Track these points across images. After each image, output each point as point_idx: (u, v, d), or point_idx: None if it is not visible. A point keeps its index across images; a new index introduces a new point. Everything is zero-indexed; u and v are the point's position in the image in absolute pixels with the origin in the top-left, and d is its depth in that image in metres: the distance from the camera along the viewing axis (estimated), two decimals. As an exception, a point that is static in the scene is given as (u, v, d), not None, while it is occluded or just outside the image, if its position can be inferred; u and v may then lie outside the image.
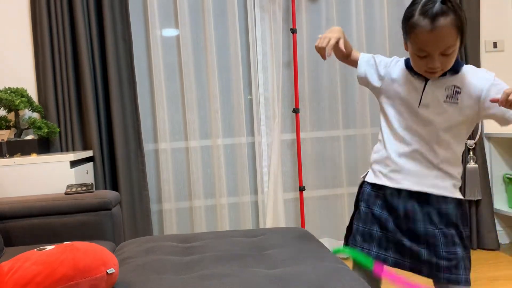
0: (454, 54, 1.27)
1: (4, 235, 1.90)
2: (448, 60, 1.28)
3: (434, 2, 1.24)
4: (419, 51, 1.29)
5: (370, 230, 1.45)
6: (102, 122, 2.62)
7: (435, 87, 1.35)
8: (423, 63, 1.30)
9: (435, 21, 1.22)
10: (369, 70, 1.56)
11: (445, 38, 1.23)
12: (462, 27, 1.25)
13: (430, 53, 1.26)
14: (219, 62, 2.84)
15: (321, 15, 2.92)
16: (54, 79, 2.57)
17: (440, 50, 1.25)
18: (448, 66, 1.29)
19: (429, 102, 1.36)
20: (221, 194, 2.82)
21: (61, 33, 2.55)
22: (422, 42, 1.26)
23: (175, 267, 1.36)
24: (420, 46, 1.27)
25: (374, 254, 1.41)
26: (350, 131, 3.01)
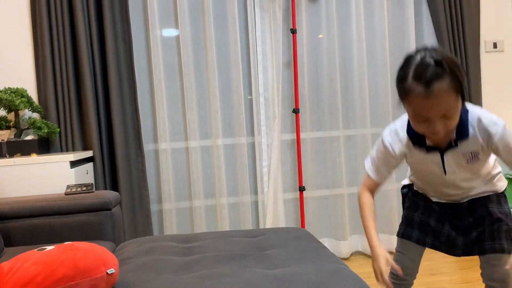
0: (456, 114, 1.21)
1: (4, 235, 1.90)
2: (451, 122, 1.21)
3: (427, 65, 1.16)
4: (417, 116, 1.23)
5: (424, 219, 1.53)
6: (102, 122, 2.62)
7: (453, 157, 1.35)
8: (423, 126, 1.24)
9: (431, 86, 1.14)
10: (384, 167, 1.48)
11: (443, 102, 1.16)
12: (461, 87, 1.18)
13: (429, 118, 1.20)
14: (219, 62, 2.84)
15: (321, 15, 2.92)
16: (54, 79, 2.57)
17: (439, 115, 1.18)
18: (451, 126, 1.24)
19: (454, 169, 1.38)
20: (221, 194, 2.82)
21: (61, 33, 2.55)
22: (419, 108, 1.19)
23: (175, 267, 1.36)
24: (417, 111, 1.21)
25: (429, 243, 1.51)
26: (350, 131, 3.00)
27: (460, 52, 2.94)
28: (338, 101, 2.92)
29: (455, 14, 2.92)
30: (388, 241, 3.00)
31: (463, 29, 2.95)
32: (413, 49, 1.28)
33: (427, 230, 1.52)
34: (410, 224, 1.56)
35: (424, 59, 1.17)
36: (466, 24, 2.94)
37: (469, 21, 2.95)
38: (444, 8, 2.90)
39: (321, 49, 2.93)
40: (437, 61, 1.15)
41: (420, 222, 1.53)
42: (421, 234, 1.52)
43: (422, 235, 1.52)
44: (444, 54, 1.18)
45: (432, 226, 1.51)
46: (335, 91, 2.92)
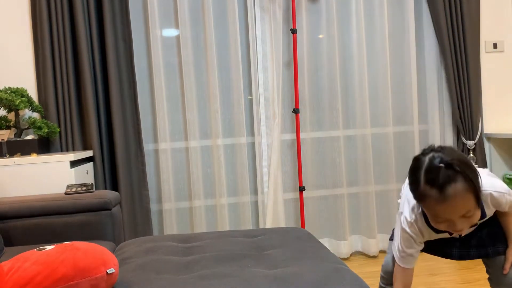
0: (477, 211, 1.21)
1: (4, 235, 1.90)
2: (472, 219, 1.21)
3: (437, 169, 1.16)
4: (437, 218, 1.23)
5: None
6: (102, 122, 2.62)
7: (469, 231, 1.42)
8: (445, 225, 1.23)
9: (445, 190, 1.14)
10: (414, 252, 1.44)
11: (460, 204, 1.16)
12: (474, 187, 1.17)
13: (448, 219, 1.20)
14: (219, 62, 2.84)
15: (321, 15, 2.92)
16: (54, 79, 2.57)
17: (459, 215, 1.18)
18: (474, 222, 1.23)
19: (466, 236, 1.44)
20: (221, 194, 2.82)
21: (61, 33, 2.55)
22: (438, 211, 1.19)
23: (175, 267, 1.36)
24: (436, 214, 1.21)
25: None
26: (350, 131, 3.01)
27: (460, 52, 2.94)
28: (338, 101, 2.92)
29: (455, 15, 2.92)
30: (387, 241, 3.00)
31: (463, 30, 2.95)
32: (419, 152, 1.25)
33: None
34: None
35: (433, 162, 1.17)
36: (466, 25, 2.94)
37: (469, 22, 2.95)
38: (444, 8, 2.90)
39: (321, 49, 2.94)
40: (446, 163, 1.15)
41: None
42: None
43: None
44: (452, 154, 1.18)
45: None
46: (335, 91, 2.92)
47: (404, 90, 3.02)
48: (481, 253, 1.43)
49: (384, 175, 3.01)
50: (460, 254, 1.45)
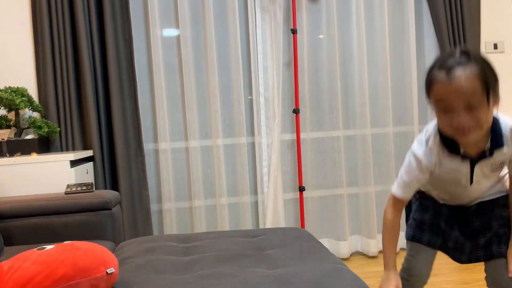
0: (483, 110, 1.17)
1: (4, 234, 1.90)
2: (476, 117, 1.17)
3: (453, 55, 1.19)
4: (440, 105, 1.21)
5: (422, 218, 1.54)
6: (102, 122, 2.62)
7: (482, 167, 1.33)
8: (448, 119, 1.20)
9: (452, 71, 1.16)
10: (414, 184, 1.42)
11: (464, 89, 1.14)
12: (486, 79, 1.16)
13: (452, 106, 1.18)
14: (219, 62, 2.84)
15: (322, 15, 2.92)
16: (54, 79, 2.57)
17: (462, 103, 1.16)
18: (479, 124, 1.19)
19: (479, 180, 1.37)
20: (221, 194, 2.82)
21: (62, 33, 2.55)
22: (442, 95, 1.19)
23: (175, 267, 1.36)
24: (440, 99, 1.20)
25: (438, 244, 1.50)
26: (350, 132, 3.01)
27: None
28: (338, 101, 2.92)
29: (455, 15, 2.92)
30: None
31: (463, 30, 2.94)
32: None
33: (437, 231, 1.50)
34: (420, 226, 1.53)
35: (452, 51, 1.21)
36: (466, 25, 2.94)
37: (469, 22, 2.95)
38: (445, 9, 2.90)
39: (322, 50, 2.94)
40: (463, 51, 1.18)
41: (430, 223, 1.51)
42: (432, 235, 1.50)
43: (433, 237, 1.50)
44: (476, 52, 1.21)
45: (442, 228, 1.50)
46: (335, 91, 2.92)
47: (404, 90, 3.02)
48: (487, 254, 1.43)
49: (384, 175, 3.01)
50: (469, 258, 1.46)
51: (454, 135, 1.25)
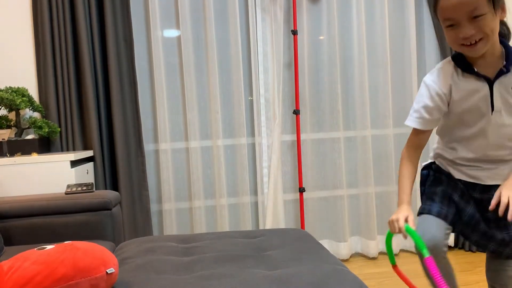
0: (487, 19, 1.18)
1: (4, 234, 1.90)
2: (481, 26, 1.19)
3: None
4: (446, 20, 1.23)
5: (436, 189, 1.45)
6: (102, 122, 2.62)
7: (501, 89, 1.28)
8: (455, 34, 1.22)
9: None
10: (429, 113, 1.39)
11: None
12: None
13: (457, 19, 1.20)
14: (220, 63, 2.84)
15: (322, 16, 2.92)
16: (55, 79, 2.57)
17: (466, 14, 1.17)
18: (486, 32, 1.20)
19: (500, 108, 1.30)
20: (221, 195, 2.82)
21: (63, 33, 2.56)
22: (447, 10, 1.20)
23: (175, 267, 1.36)
24: (445, 14, 1.22)
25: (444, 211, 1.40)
26: (350, 133, 3.01)
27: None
28: (338, 103, 2.92)
29: (456, 16, 2.92)
30: (388, 242, 3.01)
31: (464, 31, 2.94)
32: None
33: (449, 203, 1.40)
34: (431, 197, 1.44)
35: None
36: (467, 26, 2.93)
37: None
38: (445, 10, 2.90)
39: (322, 51, 2.94)
40: None
41: (442, 195, 1.42)
42: (443, 206, 1.39)
43: (444, 208, 1.39)
44: None
45: (456, 200, 1.41)
46: (336, 92, 2.92)
47: (405, 91, 3.02)
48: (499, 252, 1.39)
49: (384, 176, 3.01)
50: (494, 249, 1.40)
51: (463, 50, 1.26)
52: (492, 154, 1.37)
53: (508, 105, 1.29)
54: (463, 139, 1.39)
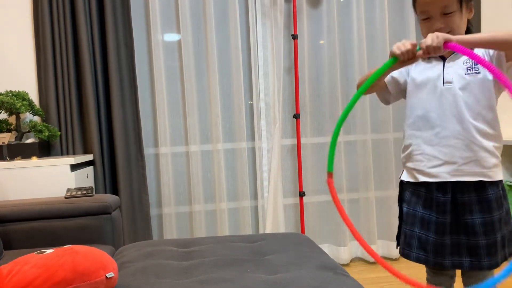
0: (456, 17, 1.38)
1: (4, 238, 1.90)
2: (451, 22, 1.37)
3: None
4: (421, 14, 1.41)
5: (411, 232, 1.46)
6: (102, 126, 2.62)
7: (454, 64, 1.42)
8: (428, 26, 1.39)
9: None
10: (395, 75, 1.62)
11: None
12: None
13: (430, 14, 1.38)
14: (220, 67, 2.85)
15: (322, 21, 2.93)
16: (55, 83, 2.58)
17: (439, 10, 1.36)
18: (453, 28, 1.37)
19: (451, 79, 1.41)
20: (221, 199, 2.82)
21: (63, 37, 2.56)
22: (423, 3, 1.39)
23: (175, 271, 1.36)
24: (421, 8, 1.41)
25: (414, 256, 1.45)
26: (350, 137, 3.01)
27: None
28: (338, 107, 2.92)
29: (455, 21, 2.93)
30: (387, 247, 3.00)
31: (463, 36, 2.95)
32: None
33: (425, 246, 1.42)
34: (408, 242, 1.46)
35: None
36: (466, 30, 2.94)
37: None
38: (445, 15, 2.91)
39: (322, 55, 2.94)
40: None
41: (419, 237, 1.44)
42: (420, 248, 1.43)
43: (421, 252, 1.43)
44: None
45: (431, 240, 1.41)
46: (336, 96, 2.92)
47: (405, 96, 3.02)
48: (474, 264, 1.37)
49: (384, 181, 3.01)
50: (453, 263, 1.40)
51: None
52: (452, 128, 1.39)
53: (461, 77, 1.40)
54: (422, 116, 1.50)
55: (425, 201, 1.44)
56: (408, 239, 1.46)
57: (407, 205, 1.50)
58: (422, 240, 1.42)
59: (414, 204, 1.47)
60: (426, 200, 1.44)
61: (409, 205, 1.49)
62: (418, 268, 1.52)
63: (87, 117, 2.58)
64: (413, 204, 1.47)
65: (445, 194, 1.41)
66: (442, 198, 1.41)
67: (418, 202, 1.46)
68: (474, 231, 1.36)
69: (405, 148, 1.56)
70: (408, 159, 1.53)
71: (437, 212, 1.41)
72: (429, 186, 1.44)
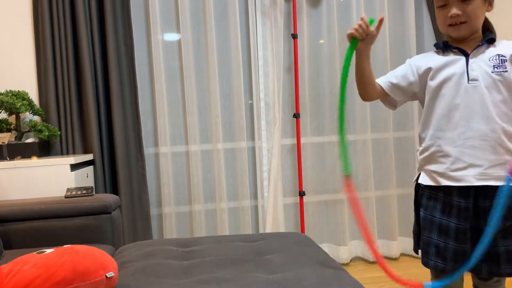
0: (474, 5, 1.32)
1: (4, 238, 1.90)
2: (469, 9, 1.32)
3: None
4: (439, 0, 1.36)
5: (429, 239, 1.39)
6: (102, 126, 2.62)
7: (478, 61, 1.34)
8: (445, 14, 1.34)
9: None
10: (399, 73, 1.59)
11: None
12: None
13: (448, 0, 1.32)
14: (220, 67, 2.84)
15: (322, 20, 2.93)
16: (55, 82, 2.58)
17: None
18: (470, 16, 1.33)
19: (477, 76, 1.32)
20: (221, 199, 2.82)
21: (63, 37, 2.56)
22: None
23: (175, 271, 1.36)
24: None
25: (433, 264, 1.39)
26: (350, 137, 3.01)
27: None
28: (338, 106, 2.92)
29: (455, 20, 2.93)
30: (388, 247, 3.00)
31: (463, 35, 2.95)
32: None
33: (444, 254, 1.36)
34: (426, 249, 1.41)
35: None
36: (466, 30, 2.94)
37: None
38: (445, 14, 2.91)
39: (322, 54, 2.94)
40: None
41: (437, 245, 1.37)
42: (438, 256, 1.38)
43: (439, 260, 1.38)
44: None
45: (451, 247, 1.35)
46: (336, 96, 2.92)
47: (405, 95, 3.02)
48: (493, 271, 1.35)
49: (384, 180, 3.01)
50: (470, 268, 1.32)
51: (448, 31, 1.38)
52: (477, 128, 1.31)
53: (487, 74, 1.32)
54: (445, 116, 1.37)
55: (444, 206, 1.37)
56: (426, 246, 1.40)
57: (424, 210, 1.42)
58: (441, 247, 1.36)
59: (432, 209, 1.39)
60: (445, 205, 1.37)
61: (426, 210, 1.41)
62: (422, 268, 1.50)
63: (87, 116, 2.58)
64: (430, 209, 1.40)
65: (467, 199, 1.33)
66: (464, 204, 1.33)
67: (436, 207, 1.38)
68: (494, 237, 1.29)
69: (424, 149, 1.44)
70: (428, 161, 1.42)
71: (458, 218, 1.34)
72: (448, 190, 1.36)
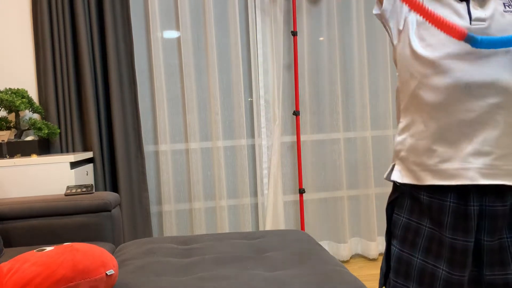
0: None
1: (4, 236, 1.90)
2: None
3: None
4: None
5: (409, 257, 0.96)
6: (102, 124, 2.62)
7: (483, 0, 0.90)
8: None
9: None
10: None
11: None
12: None
13: None
14: (220, 64, 2.84)
15: (322, 17, 2.92)
16: (54, 80, 2.57)
17: None
18: None
19: (485, 15, 0.88)
20: (221, 196, 2.82)
21: (62, 35, 2.56)
22: None
23: (175, 269, 1.36)
24: None
25: None
26: (350, 134, 3.01)
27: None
28: (338, 104, 2.92)
29: (455, 18, 2.93)
30: (388, 244, 3.00)
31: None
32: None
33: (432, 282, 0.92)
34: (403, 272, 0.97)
35: None
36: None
37: None
38: (445, 11, 2.90)
39: (322, 52, 2.94)
40: None
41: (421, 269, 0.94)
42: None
43: None
44: None
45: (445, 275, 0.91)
46: (336, 93, 2.92)
47: (405, 92, 3.02)
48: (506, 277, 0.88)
49: (384, 177, 3.01)
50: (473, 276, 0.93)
51: None
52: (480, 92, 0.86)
53: (500, 14, 0.89)
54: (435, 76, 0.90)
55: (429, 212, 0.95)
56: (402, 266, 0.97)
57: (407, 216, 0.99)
58: (427, 273, 0.92)
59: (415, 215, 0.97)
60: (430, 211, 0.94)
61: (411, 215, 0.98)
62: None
63: (87, 114, 2.58)
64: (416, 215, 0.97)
65: (467, 203, 0.90)
66: (464, 208, 0.91)
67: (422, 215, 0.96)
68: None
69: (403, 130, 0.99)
70: (410, 151, 0.97)
71: (454, 230, 0.91)
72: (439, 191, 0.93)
